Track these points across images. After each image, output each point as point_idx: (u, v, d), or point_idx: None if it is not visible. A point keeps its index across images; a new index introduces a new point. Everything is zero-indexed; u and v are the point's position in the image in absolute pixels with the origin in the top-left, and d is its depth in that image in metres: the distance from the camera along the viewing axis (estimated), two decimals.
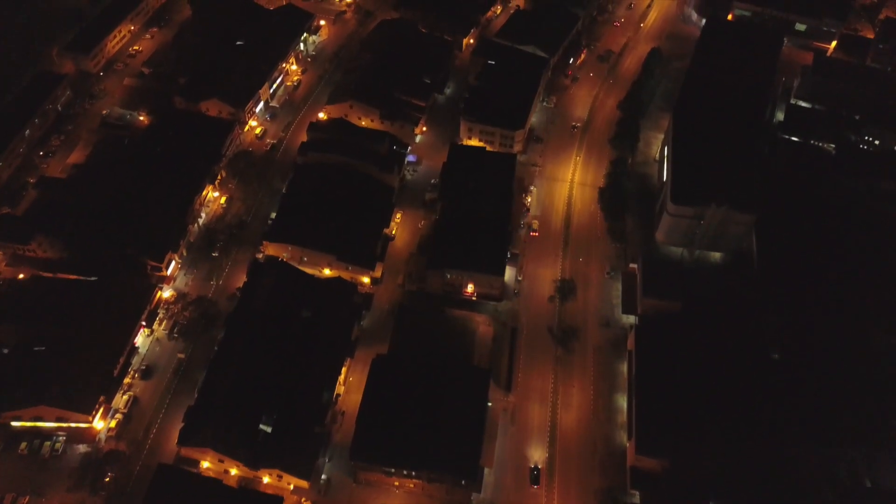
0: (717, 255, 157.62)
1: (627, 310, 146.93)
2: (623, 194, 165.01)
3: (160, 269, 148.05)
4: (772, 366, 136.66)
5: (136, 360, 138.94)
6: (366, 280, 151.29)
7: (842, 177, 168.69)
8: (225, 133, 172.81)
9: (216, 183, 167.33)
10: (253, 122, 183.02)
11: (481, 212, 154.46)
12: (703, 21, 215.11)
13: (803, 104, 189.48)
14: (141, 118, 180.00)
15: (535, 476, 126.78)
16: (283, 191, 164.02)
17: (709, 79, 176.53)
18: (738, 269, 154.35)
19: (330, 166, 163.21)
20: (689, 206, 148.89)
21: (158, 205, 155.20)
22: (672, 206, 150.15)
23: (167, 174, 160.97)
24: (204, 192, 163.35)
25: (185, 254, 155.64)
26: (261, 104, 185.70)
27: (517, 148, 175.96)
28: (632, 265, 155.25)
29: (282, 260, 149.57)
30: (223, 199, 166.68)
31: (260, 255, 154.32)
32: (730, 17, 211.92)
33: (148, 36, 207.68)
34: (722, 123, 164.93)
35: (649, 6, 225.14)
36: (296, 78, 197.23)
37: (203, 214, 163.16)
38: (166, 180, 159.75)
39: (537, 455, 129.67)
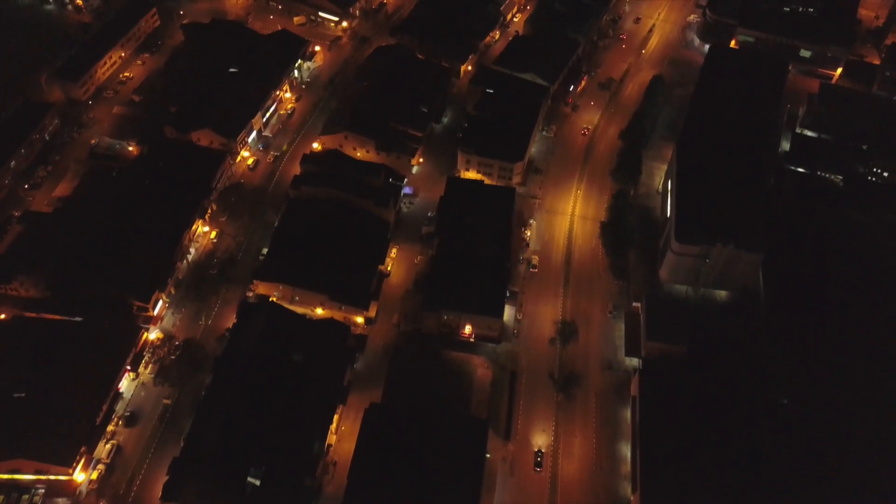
0: (722, 293, 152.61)
1: (631, 352, 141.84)
2: (625, 229, 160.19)
3: (147, 310, 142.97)
4: (781, 413, 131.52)
5: (120, 406, 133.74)
6: (359, 320, 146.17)
7: (850, 210, 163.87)
8: (216, 165, 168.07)
9: (206, 217, 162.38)
10: (245, 153, 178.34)
11: (479, 249, 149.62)
12: (706, 47, 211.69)
13: (809, 133, 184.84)
14: (130, 148, 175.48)
15: None
16: (275, 225, 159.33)
17: (713, 109, 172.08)
18: (744, 307, 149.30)
19: (323, 200, 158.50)
20: (693, 245, 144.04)
21: (146, 241, 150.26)
22: (676, 244, 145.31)
23: (156, 208, 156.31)
24: (193, 227, 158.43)
25: (172, 292, 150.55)
26: (253, 133, 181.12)
27: (516, 180, 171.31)
28: (635, 304, 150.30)
29: (272, 300, 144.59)
30: (213, 234, 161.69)
31: (250, 294, 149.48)
32: (733, 43, 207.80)
33: (139, 62, 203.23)
34: (727, 157, 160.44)
35: (651, 31, 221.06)
36: (290, 106, 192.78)
37: (192, 250, 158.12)
38: (155, 215, 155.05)
39: None
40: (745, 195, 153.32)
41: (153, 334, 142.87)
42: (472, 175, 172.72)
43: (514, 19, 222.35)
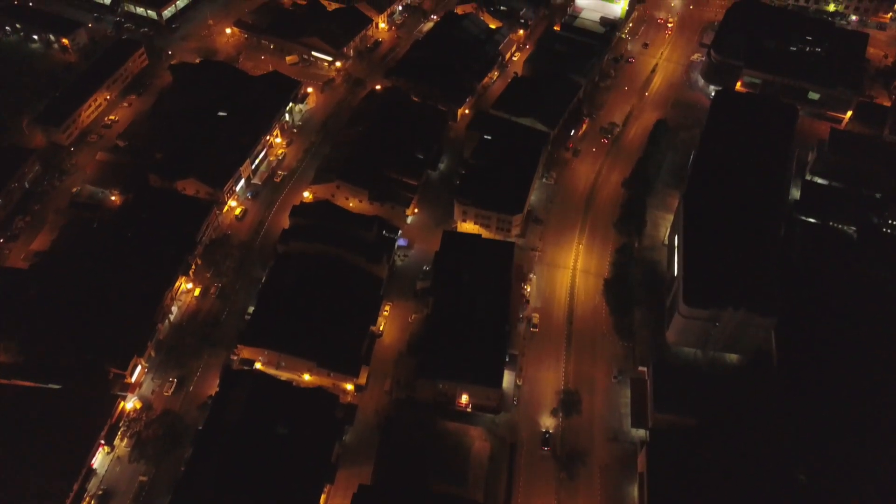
0: (733, 356, 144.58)
1: (637, 423, 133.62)
2: (630, 286, 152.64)
3: (124, 377, 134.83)
4: (799, 490, 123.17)
5: (92, 484, 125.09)
6: (349, 387, 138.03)
7: (865, 264, 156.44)
8: (201, 217, 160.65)
9: (190, 273, 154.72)
10: (233, 202, 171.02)
11: (477, 309, 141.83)
12: (711, 87, 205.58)
13: (820, 181, 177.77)
14: (113, 198, 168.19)
15: None
16: (262, 282, 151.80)
17: (720, 158, 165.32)
18: (757, 372, 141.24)
19: (313, 256, 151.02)
20: (702, 308, 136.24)
21: (126, 301, 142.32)
22: (684, 307, 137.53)
23: (137, 265, 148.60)
24: (176, 285, 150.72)
25: (152, 355, 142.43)
26: (241, 182, 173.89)
27: (515, 232, 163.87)
28: (641, 368, 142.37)
29: (256, 368, 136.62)
30: (197, 292, 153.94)
31: (235, 357, 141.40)
32: (739, 84, 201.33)
33: (125, 104, 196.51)
34: (736, 211, 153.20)
35: (653, 71, 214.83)
36: (280, 151, 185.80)
37: (174, 309, 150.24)
38: (136, 272, 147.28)
39: None
40: (756, 253, 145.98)
41: (130, 403, 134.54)
42: (469, 226, 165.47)
43: (514, 58, 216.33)
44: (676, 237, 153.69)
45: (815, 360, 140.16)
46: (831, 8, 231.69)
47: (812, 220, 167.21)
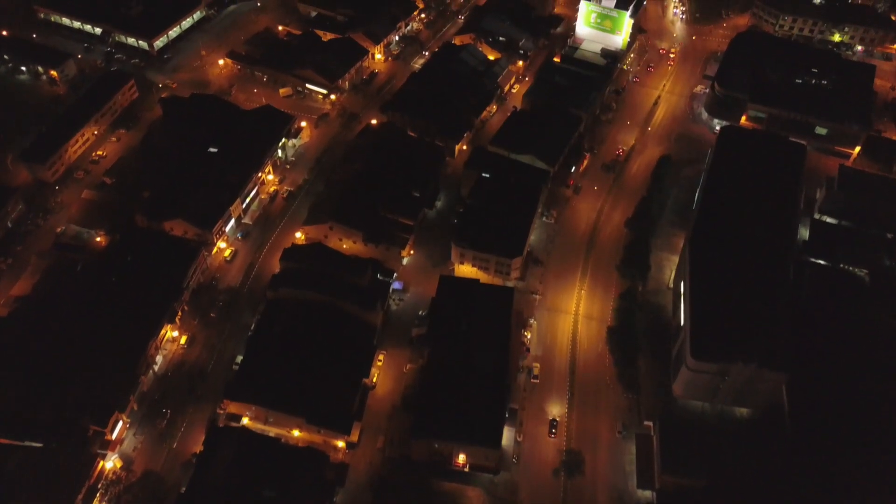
0: (743, 410, 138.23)
1: (643, 484, 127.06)
2: (634, 335, 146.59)
3: (104, 434, 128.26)
4: None
5: None
6: (341, 444, 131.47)
7: (878, 310, 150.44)
8: (189, 260, 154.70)
9: (176, 319, 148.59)
10: (222, 244, 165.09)
11: (475, 361, 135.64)
12: (714, 121, 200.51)
13: (829, 220, 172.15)
14: (98, 239, 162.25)
15: None
16: (251, 330, 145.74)
17: (726, 199, 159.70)
18: (768, 426, 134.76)
19: (304, 302, 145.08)
20: (711, 362, 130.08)
21: (108, 352, 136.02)
22: (692, 360, 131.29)
23: (121, 312, 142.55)
24: (161, 333, 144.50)
25: (135, 408, 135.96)
26: (232, 222, 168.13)
27: (514, 275, 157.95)
28: (646, 422, 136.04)
29: (243, 426, 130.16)
30: (183, 340, 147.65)
31: (221, 412, 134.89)
32: (744, 118, 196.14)
33: (114, 138, 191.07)
34: (744, 256, 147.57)
35: (656, 103, 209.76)
36: (272, 188, 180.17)
37: (159, 359, 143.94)
38: (119, 320, 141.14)
39: None
40: (765, 301, 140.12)
41: (110, 462, 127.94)
42: (467, 268, 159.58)
43: (513, 90, 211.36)
44: (682, 283, 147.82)
45: (829, 413, 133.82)
46: (836, 38, 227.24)
47: (822, 263, 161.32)
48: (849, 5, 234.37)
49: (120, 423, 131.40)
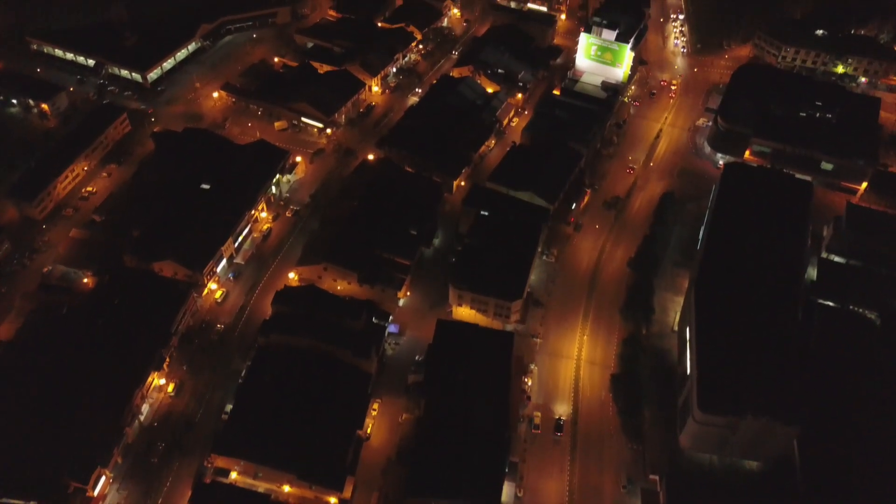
0: (753, 463, 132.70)
1: None
2: (638, 382, 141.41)
3: (85, 491, 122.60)
4: None
5: None
6: (333, 501, 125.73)
7: (891, 355, 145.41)
8: (178, 303, 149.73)
9: (164, 366, 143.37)
10: (213, 285, 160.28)
11: (473, 412, 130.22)
12: (717, 155, 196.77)
13: (837, 259, 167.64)
14: (85, 280, 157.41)
15: None
16: (241, 377, 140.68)
17: (731, 240, 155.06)
18: (779, 480, 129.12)
19: (296, 349, 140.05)
20: (719, 415, 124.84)
21: (91, 402, 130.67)
22: (699, 413, 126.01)
23: (106, 359, 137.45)
24: (148, 380, 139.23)
25: (119, 461, 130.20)
26: (223, 262, 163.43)
27: (514, 318, 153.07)
28: (652, 476, 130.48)
29: (231, 482, 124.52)
30: (171, 388, 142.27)
31: (208, 465, 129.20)
32: (748, 153, 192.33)
33: (105, 174, 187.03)
34: (751, 300, 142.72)
35: (658, 136, 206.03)
36: (266, 226, 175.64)
37: (146, 408, 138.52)
38: (104, 367, 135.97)
39: None
40: (774, 348, 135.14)
41: None
42: (465, 311, 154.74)
43: (512, 124, 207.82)
44: (688, 329, 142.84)
45: (842, 467, 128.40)
46: (840, 70, 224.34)
47: (831, 304, 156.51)
48: (851, 36, 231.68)
49: (103, 479, 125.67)
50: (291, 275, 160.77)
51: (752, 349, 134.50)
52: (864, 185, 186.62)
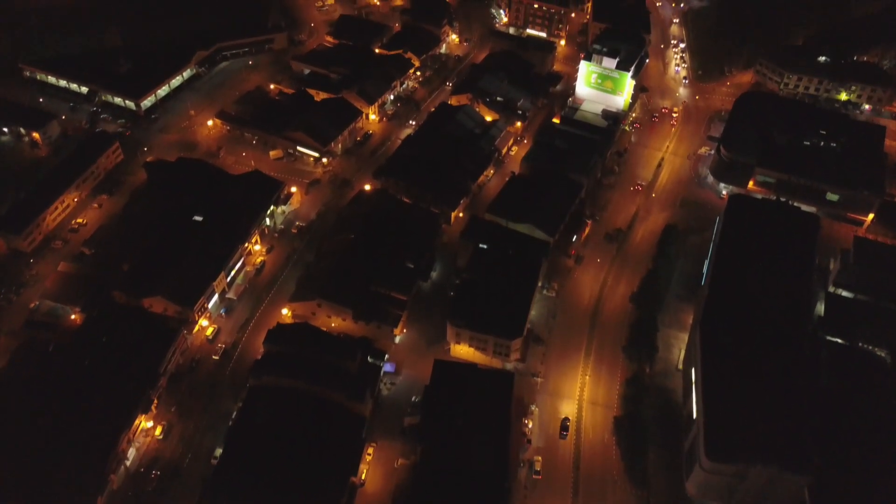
0: None
1: None
2: (643, 425, 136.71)
3: None
4: None
5: None
6: None
7: None
8: (168, 341, 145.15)
9: (152, 407, 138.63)
10: (204, 322, 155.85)
11: (471, 459, 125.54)
12: (720, 185, 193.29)
13: (844, 293, 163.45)
14: (73, 316, 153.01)
15: None
16: (232, 420, 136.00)
17: (736, 276, 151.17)
18: None
19: (288, 390, 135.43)
20: (727, 464, 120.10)
21: (76, 447, 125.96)
22: (706, 461, 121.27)
23: (92, 401, 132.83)
24: (136, 423, 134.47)
25: None
26: (215, 297, 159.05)
27: (514, 356, 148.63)
28: None
29: None
30: (158, 431, 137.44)
31: None
32: (751, 183, 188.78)
33: (96, 205, 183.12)
34: (759, 340, 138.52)
35: (659, 165, 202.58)
36: (259, 259, 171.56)
37: (132, 452, 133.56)
38: (90, 410, 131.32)
39: None
40: (784, 391, 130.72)
41: None
42: (463, 348, 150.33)
43: (511, 153, 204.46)
44: (693, 369, 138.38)
45: None
46: (843, 97, 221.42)
47: (839, 341, 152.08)
48: (854, 63, 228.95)
49: None
50: (285, 311, 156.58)
51: (760, 392, 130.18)
52: (871, 216, 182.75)
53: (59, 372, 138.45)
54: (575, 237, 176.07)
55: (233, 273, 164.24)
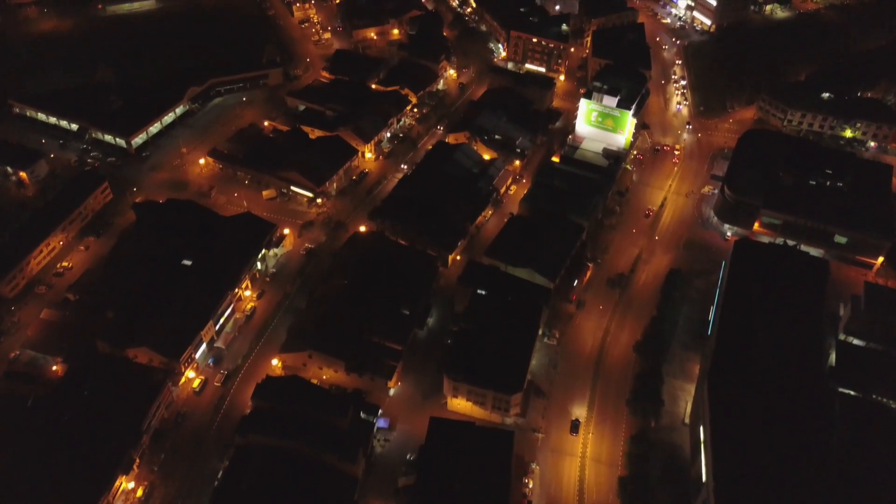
0: None
1: None
2: (648, 484, 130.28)
3: None
4: None
5: None
6: None
7: None
8: (152, 395, 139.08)
9: (134, 466, 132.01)
10: (190, 373, 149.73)
11: None
12: (725, 226, 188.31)
13: (855, 342, 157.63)
14: (55, 367, 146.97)
15: None
16: (217, 479, 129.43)
17: (745, 327, 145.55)
18: None
19: (277, 449, 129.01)
20: None
21: None
22: None
23: (71, 460, 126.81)
24: (116, 484, 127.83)
25: None
26: (203, 346, 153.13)
27: (514, 411, 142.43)
28: None
29: None
30: (140, 492, 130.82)
31: None
32: (756, 224, 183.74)
33: (82, 247, 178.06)
34: (769, 396, 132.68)
35: (662, 205, 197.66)
36: (250, 305, 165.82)
37: None
38: (68, 471, 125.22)
39: None
40: (798, 450, 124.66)
41: None
42: (461, 402, 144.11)
43: (510, 192, 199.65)
44: (701, 427, 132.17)
45: None
46: (848, 134, 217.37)
47: (852, 393, 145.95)
48: (858, 99, 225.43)
49: None
50: (275, 361, 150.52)
51: (771, 452, 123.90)
52: (881, 260, 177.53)
53: (37, 429, 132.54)
54: (576, 281, 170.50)
55: (222, 320, 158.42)
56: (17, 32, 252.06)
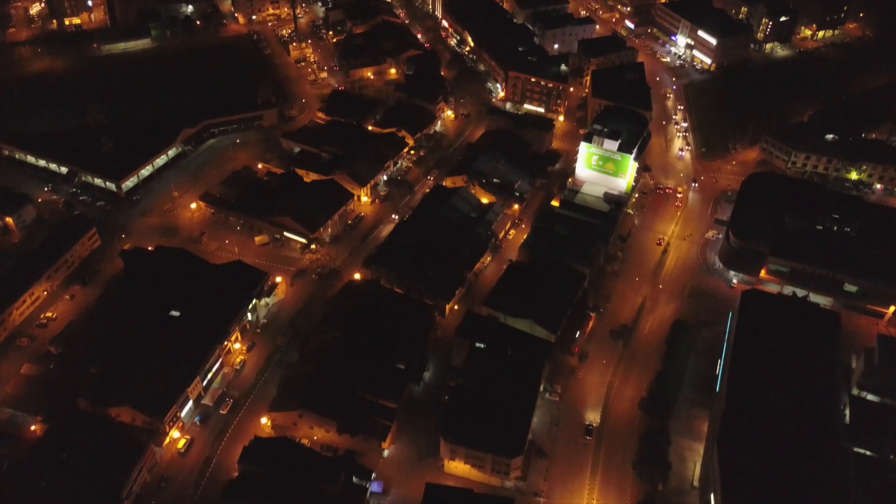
0: None
1: None
2: None
3: None
4: None
5: None
6: None
7: None
8: (134, 458, 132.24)
9: None
10: (175, 433, 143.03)
11: None
12: (730, 272, 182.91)
13: (870, 397, 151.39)
14: (33, 427, 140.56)
15: None
16: None
17: (755, 386, 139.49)
18: None
19: None
20: None
21: None
22: None
23: None
24: None
25: None
26: (189, 404, 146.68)
27: (514, 475, 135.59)
28: None
29: None
30: None
31: None
32: (763, 272, 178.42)
33: (67, 296, 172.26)
34: (783, 459, 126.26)
35: (665, 251, 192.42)
36: (239, 358, 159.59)
37: None
38: None
39: None
40: None
41: None
42: (458, 465, 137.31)
43: (508, 237, 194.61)
44: (712, 495, 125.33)
45: None
46: (853, 176, 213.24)
47: (867, 453, 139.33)
48: (862, 141, 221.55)
49: None
50: (264, 420, 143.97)
51: None
52: (892, 308, 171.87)
53: (11, 495, 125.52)
54: (578, 332, 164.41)
55: (209, 376, 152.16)
56: (10, 73, 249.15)
